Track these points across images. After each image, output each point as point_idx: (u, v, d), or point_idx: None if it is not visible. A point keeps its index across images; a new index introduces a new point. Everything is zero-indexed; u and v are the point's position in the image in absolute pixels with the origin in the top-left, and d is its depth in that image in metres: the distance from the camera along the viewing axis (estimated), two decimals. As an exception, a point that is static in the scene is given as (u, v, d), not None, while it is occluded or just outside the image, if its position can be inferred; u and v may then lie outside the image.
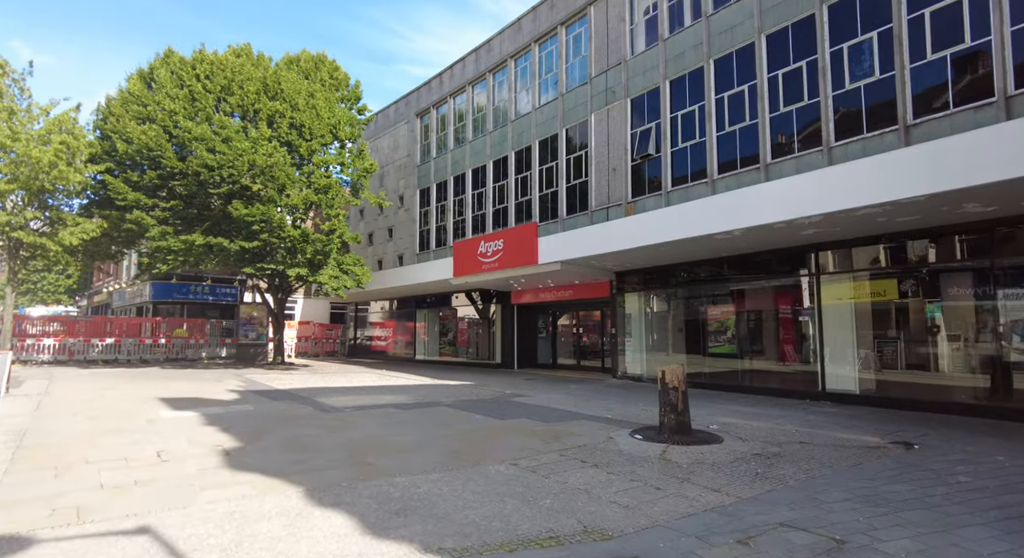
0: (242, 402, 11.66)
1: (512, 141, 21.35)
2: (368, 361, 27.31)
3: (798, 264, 12.58)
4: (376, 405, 11.35)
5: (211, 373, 18.82)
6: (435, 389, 14.48)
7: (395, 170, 27.98)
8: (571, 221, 18.42)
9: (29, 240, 17.75)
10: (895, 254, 11.15)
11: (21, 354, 21.76)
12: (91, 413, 9.97)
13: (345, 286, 19.75)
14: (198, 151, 16.98)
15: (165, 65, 19.21)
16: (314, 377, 17.77)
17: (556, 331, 21.19)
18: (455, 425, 9.12)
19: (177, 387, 14.31)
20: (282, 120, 19.17)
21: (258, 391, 13.68)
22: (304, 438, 7.98)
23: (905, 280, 11.04)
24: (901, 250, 11.02)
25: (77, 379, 16.23)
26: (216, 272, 29.67)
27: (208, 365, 22.97)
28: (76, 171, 17.72)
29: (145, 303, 29.64)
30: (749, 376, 13.49)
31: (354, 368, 22.31)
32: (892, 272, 11.24)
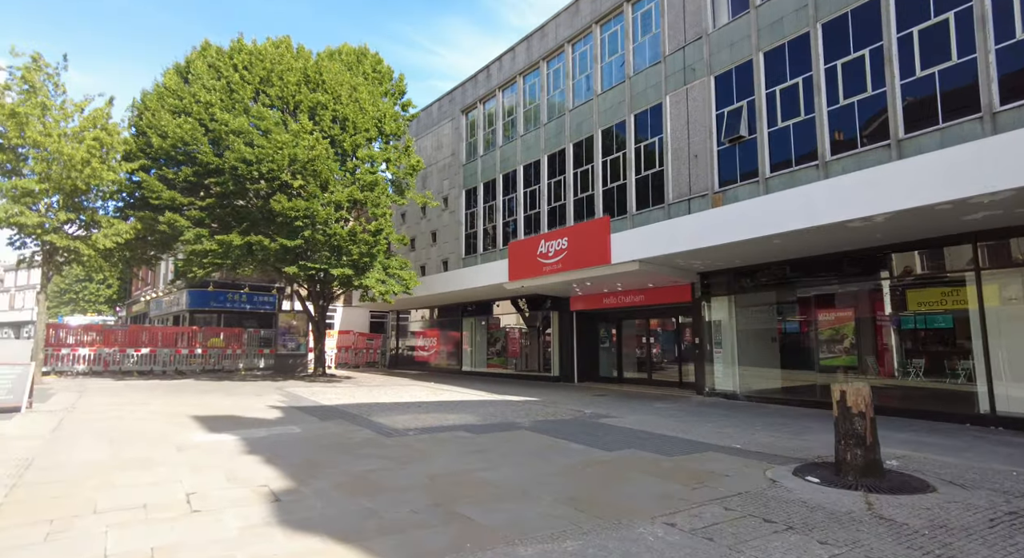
0: (287, 422, 10.02)
1: (570, 132, 19.58)
2: (412, 373, 25.69)
3: (951, 257, 10.41)
4: (442, 426, 9.58)
5: (249, 386, 17.39)
6: (500, 407, 12.66)
7: (438, 171, 26.50)
8: (643, 216, 16.48)
9: (62, 244, 16.65)
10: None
11: (56, 364, 20.80)
12: (114, 435, 8.44)
13: (392, 291, 18.16)
14: (235, 145, 15.66)
15: (202, 57, 18.09)
16: (360, 391, 16.15)
17: (621, 341, 19.19)
18: (552, 457, 7.26)
19: (213, 403, 12.81)
20: (324, 113, 17.79)
21: (303, 408, 12.07)
22: (371, 475, 6.24)
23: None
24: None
25: (108, 392, 14.93)
26: (254, 280, 28.59)
27: (246, 377, 21.64)
28: (110, 169, 16.61)
29: (182, 312, 28.69)
30: (880, 394, 11.29)
31: (400, 381, 20.68)
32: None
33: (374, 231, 17.60)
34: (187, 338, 23.77)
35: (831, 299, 12.52)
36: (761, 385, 13.83)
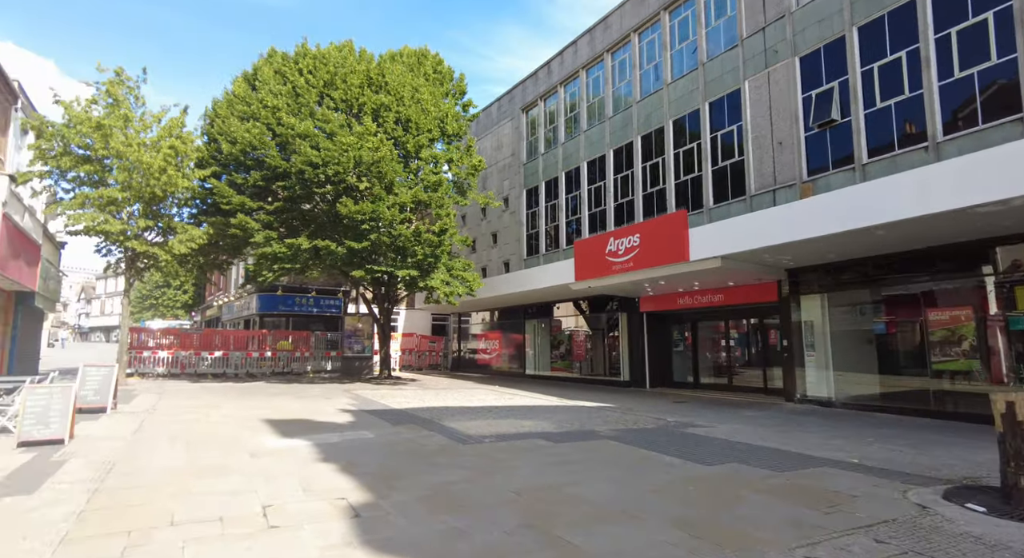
0: (358, 426, 9.74)
1: (638, 125, 18.73)
2: (475, 376, 25.38)
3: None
4: (518, 434, 9.03)
5: (318, 389, 17.45)
6: (574, 413, 12.01)
7: (498, 171, 26.13)
8: (721, 210, 15.47)
9: (142, 249, 17.23)
10: None
11: (139, 366, 21.66)
12: (190, 438, 8.35)
13: (457, 293, 17.84)
14: (302, 148, 15.74)
15: (268, 64, 18.39)
16: (428, 394, 15.86)
17: (697, 343, 18.12)
18: (645, 471, 6.57)
19: (284, 406, 12.78)
20: (387, 114, 17.70)
21: (373, 411, 11.83)
22: (452, 487, 5.75)
23: None
24: None
25: (185, 394, 15.26)
26: (320, 283, 29.09)
27: (313, 379, 21.88)
28: (184, 177, 17.07)
29: (252, 316, 29.52)
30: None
31: (465, 384, 20.34)
32: None
33: (438, 231, 17.33)
34: (257, 341, 24.33)
35: (943, 296, 11.19)
36: (859, 391, 12.59)
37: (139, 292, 54.96)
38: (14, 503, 5.04)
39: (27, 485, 5.62)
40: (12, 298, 15.07)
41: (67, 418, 7.80)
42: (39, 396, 7.75)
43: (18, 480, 5.84)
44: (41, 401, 7.74)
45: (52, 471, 6.21)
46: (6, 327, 14.95)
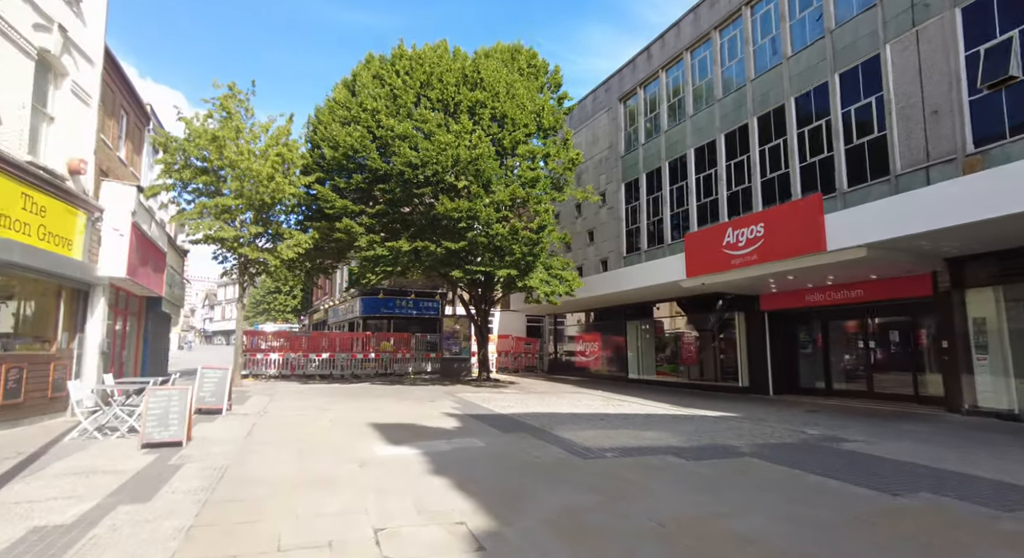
0: (466, 433, 9.17)
1: (753, 105, 17.06)
2: (573, 379, 24.46)
3: None
4: (642, 448, 8.05)
5: (421, 391, 17.30)
6: (696, 423, 10.82)
7: (594, 166, 25.08)
8: (859, 193, 13.59)
9: (253, 255, 17.93)
10: None
11: (253, 368, 22.72)
12: (299, 445, 8.12)
13: (556, 292, 17.05)
14: (401, 149, 15.63)
15: (367, 69, 18.55)
16: (531, 399, 15.18)
17: (828, 345, 16.15)
18: (815, 502, 5.41)
19: (389, 408, 12.55)
20: (483, 111, 17.27)
21: (478, 416, 11.27)
22: (583, 514, 4.93)
23: None
24: None
25: (294, 396, 15.56)
26: (419, 286, 29.43)
27: (415, 381, 21.93)
28: (290, 183, 17.56)
29: (356, 318, 30.40)
30: None
31: (566, 388, 19.50)
32: None
33: (536, 229, 16.64)
34: (361, 343, 24.86)
35: None
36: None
37: (253, 298, 58.96)
38: (131, 513, 4.82)
39: (144, 492, 5.45)
40: (143, 303, 16.09)
41: (185, 421, 7.80)
42: (159, 399, 7.80)
43: (137, 485, 5.70)
44: (161, 404, 7.79)
45: (168, 476, 6.06)
46: (139, 330, 15.98)
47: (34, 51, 9.64)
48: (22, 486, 5.70)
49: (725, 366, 18.71)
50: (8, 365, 8.96)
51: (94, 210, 11.27)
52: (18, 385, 9.17)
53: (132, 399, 9.31)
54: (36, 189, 9.42)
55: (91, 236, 11.22)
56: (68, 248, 10.38)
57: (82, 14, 11.23)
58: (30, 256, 9.04)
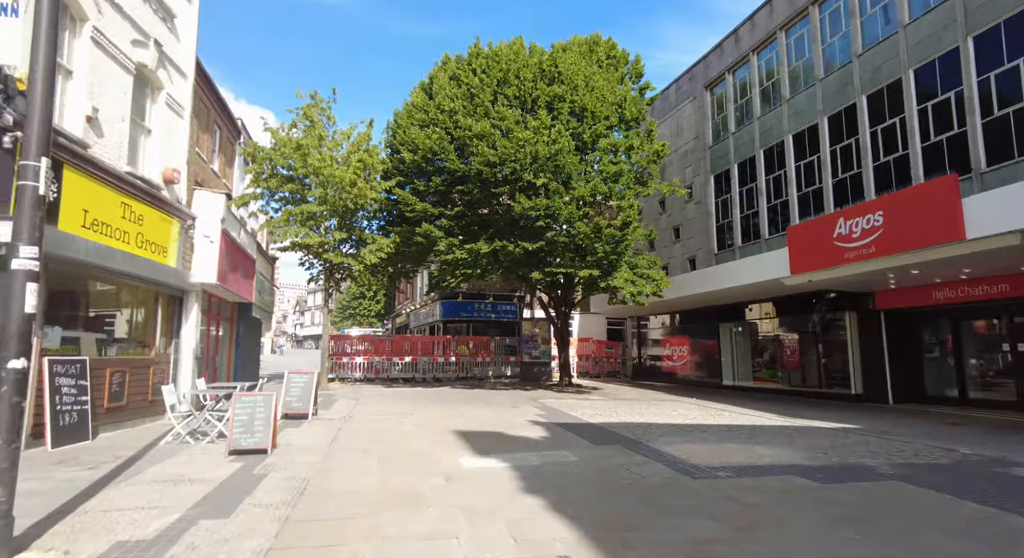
0: (556, 445, 8.51)
1: (861, 82, 15.36)
2: (661, 385, 23.20)
3: None
4: (759, 466, 7.07)
5: (503, 396, 16.83)
6: (812, 436, 9.60)
7: (678, 159, 23.76)
8: (1001, 172, 11.76)
9: (338, 261, 18.20)
10: None
11: (339, 372, 23.19)
12: (383, 453, 7.77)
13: (643, 293, 16.06)
14: (479, 148, 15.26)
15: (443, 70, 18.40)
16: (619, 406, 14.30)
17: (961, 348, 14.18)
18: (1019, 547, 4.31)
19: (473, 415, 12.11)
20: (562, 105, 16.61)
21: (566, 425, 10.58)
22: (710, 550, 4.12)
23: None
24: None
25: (378, 399, 15.51)
26: (497, 289, 29.16)
27: (495, 385, 21.54)
28: (371, 188, 17.67)
29: (436, 322, 30.56)
30: None
31: (654, 395, 18.40)
32: None
33: (620, 225, 15.75)
34: (441, 347, 24.83)
35: None
36: None
37: (339, 303, 61.21)
38: (210, 530, 4.52)
39: (226, 505, 5.18)
40: (235, 309, 16.66)
41: (270, 428, 7.63)
42: (245, 405, 7.69)
43: (220, 497, 5.47)
44: (247, 410, 7.67)
45: (251, 488, 5.80)
46: (232, 335, 16.54)
47: (132, 66, 9.97)
48: (115, 493, 5.62)
49: (831, 371, 16.99)
50: (112, 369, 9.25)
51: (187, 218, 11.60)
52: (121, 389, 9.45)
53: (222, 404, 9.37)
54: (134, 198, 9.71)
55: (184, 243, 11.54)
56: (163, 255, 10.69)
57: (175, 30, 11.61)
58: (129, 263, 9.30)
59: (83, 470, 6.55)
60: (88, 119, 8.74)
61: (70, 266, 8.27)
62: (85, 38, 8.87)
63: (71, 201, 8.08)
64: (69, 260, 8.01)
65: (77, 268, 8.45)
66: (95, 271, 8.81)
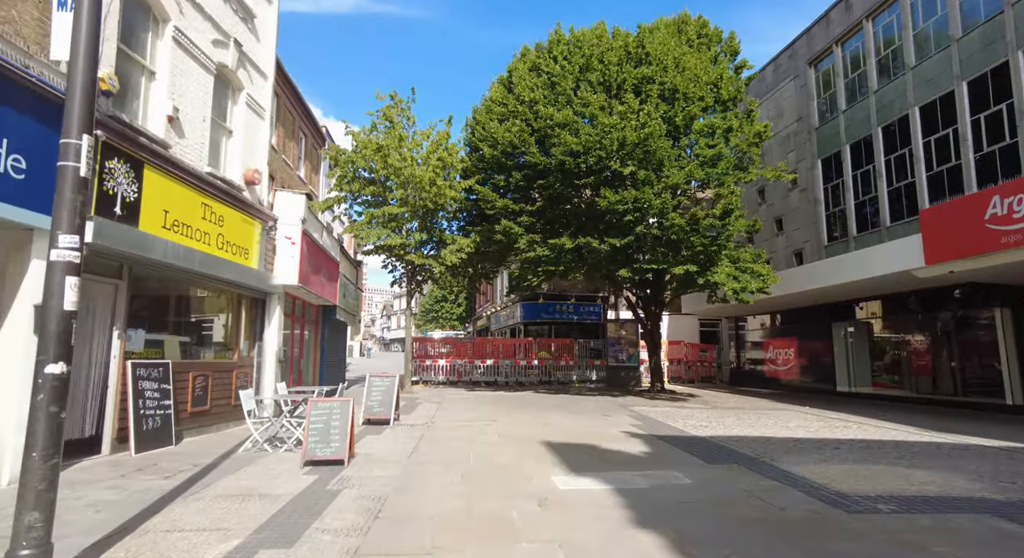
0: (662, 462, 7.40)
1: (1016, 36, 13.04)
2: (765, 392, 21.19)
3: None
4: (927, 497, 5.64)
5: (590, 402, 15.77)
6: (983, 458, 7.88)
7: (778, 144, 21.68)
8: None
9: (419, 262, 17.87)
10: None
11: (423, 374, 22.98)
12: (467, 467, 6.99)
13: (748, 289, 14.46)
14: (562, 138, 14.33)
15: (522, 62, 17.66)
16: (723, 416, 12.85)
17: None
18: None
19: (561, 423, 11.17)
20: (650, 88, 15.37)
21: (667, 438, 9.40)
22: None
23: None
24: None
25: (461, 404, 14.92)
26: (579, 290, 28.07)
27: (581, 390, 20.47)
28: (451, 187, 17.21)
29: (516, 324, 29.89)
30: None
31: (760, 402, 16.65)
32: None
33: (719, 214, 14.27)
34: (523, 350, 24.06)
35: None
36: None
37: (422, 306, 62.25)
38: (269, 561, 3.87)
39: (291, 530, 4.55)
40: (319, 312, 16.67)
41: (346, 437, 7.06)
42: (321, 412, 7.17)
43: (287, 518, 4.86)
44: (323, 417, 7.15)
45: (321, 508, 5.17)
46: (317, 339, 16.56)
47: (213, 66, 9.88)
48: (181, 509, 5.17)
49: (969, 376, 14.65)
50: (195, 373, 9.11)
51: (268, 219, 11.47)
52: (204, 393, 9.31)
53: (301, 409, 8.98)
54: (215, 199, 9.59)
55: (266, 245, 11.41)
56: (245, 257, 10.55)
57: (255, 30, 11.54)
58: (210, 265, 9.13)
59: (158, 479, 6.22)
60: (169, 119, 8.64)
61: (153, 268, 8.14)
62: (167, 39, 8.80)
63: (152, 202, 7.94)
64: (150, 262, 7.85)
65: (159, 270, 8.31)
66: (176, 273, 8.67)
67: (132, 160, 7.56)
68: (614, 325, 23.74)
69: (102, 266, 7.36)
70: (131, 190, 7.52)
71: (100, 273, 7.34)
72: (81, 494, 5.56)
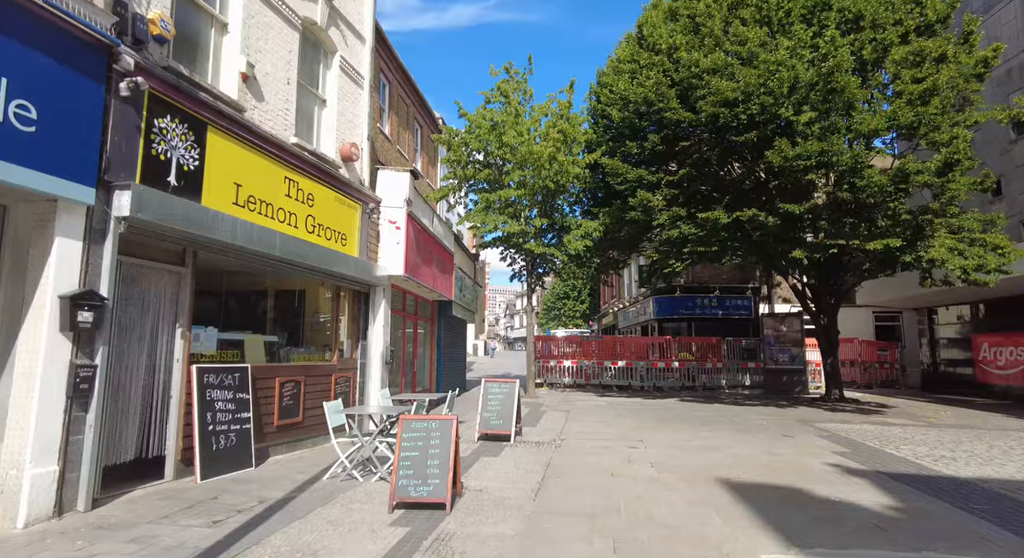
0: (933, 529, 4.58)
1: None
2: (981, 402, 16.45)
3: None
4: None
5: (754, 414, 12.74)
6: None
7: (992, 86, 16.77)
8: None
9: (539, 251, 15.88)
10: None
11: (547, 376, 20.99)
12: (617, 527, 4.70)
13: (986, 267, 10.58)
14: (712, 85, 11.49)
15: (655, 11, 14.97)
16: (959, 439, 9.30)
17: None
18: None
19: (733, 448, 8.47)
20: (825, 15, 12.03)
21: (907, 479, 6.41)
22: None
23: None
24: None
25: (594, 414, 12.63)
26: (723, 280, 24.51)
27: (735, 398, 17.27)
28: (573, 162, 15.04)
29: (648, 321, 26.88)
30: None
31: (985, 417, 12.49)
32: None
33: (937, 169, 10.63)
34: (658, 350, 21.15)
35: None
36: None
37: (544, 304, 60.63)
38: None
39: None
40: (435, 308, 15.22)
41: (448, 471, 5.10)
42: (415, 435, 5.28)
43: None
44: (418, 441, 5.26)
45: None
46: (433, 338, 15.14)
47: (298, 21, 8.51)
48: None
49: None
50: (282, 379, 7.72)
51: (369, 201, 9.98)
52: (295, 401, 7.91)
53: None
54: (303, 175, 8.18)
55: (368, 231, 9.94)
56: (343, 243, 9.10)
57: (348, -14, 10.13)
58: (296, 250, 7.67)
59: (203, 525, 4.65)
60: (244, 77, 7.28)
61: (221, 253, 6.76)
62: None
63: (219, 172, 6.57)
64: (216, 243, 6.46)
65: (230, 255, 6.91)
66: (253, 260, 7.25)
67: (192, 120, 6.19)
68: (772, 320, 20.09)
69: (159, 250, 6.06)
70: (190, 157, 6.16)
71: (157, 258, 6.05)
72: (95, 551, 4.06)
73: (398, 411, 6.59)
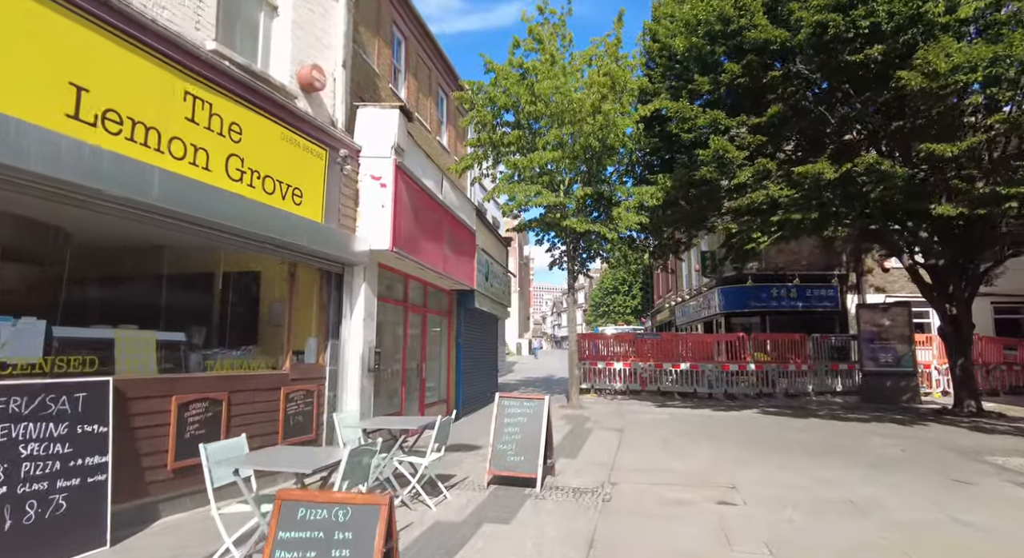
0: None
1: None
2: None
3: None
4: None
5: (874, 437, 9.38)
6: None
7: None
8: None
9: (581, 229, 12.92)
10: None
11: (594, 381, 17.95)
12: None
13: None
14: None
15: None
16: None
17: None
18: None
19: (880, 505, 5.31)
20: None
21: None
22: None
23: None
24: None
25: (655, 435, 9.59)
26: (802, 267, 20.80)
27: (831, 408, 13.79)
28: (623, 112, 12.04)
29: (713, 316, 23.36)
30: None
31: None
32: None
33: None
34: (726, 349, 17.71)
35: None
36: None
37: (591, 300, 57.26)
38: None
39: None
40: (452, 299, 12.46)
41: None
42: (298, 552, 2.46)
43: None
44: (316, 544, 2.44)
45: None
46: (450, 336, 12.38)
47: None
48: None
49: None
50: (187, 397, 5.08)
51: (340, 146, 7.28)
52: (209, 430, 5.27)
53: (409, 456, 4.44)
54: (222, 95, 5.54)
55: (339, 188, 7.24)
56: (295, 200, 6.42)
57: None
58: (193, 198, 5.00)
59: None
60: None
61: (54, 198, 4.13)
62: None
63: (33, 59, 3.97)
64: (23, 175, 3.84)
65: (77, 206, 4.28)
66: (120, 213, 4.60)
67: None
68: (871, 312, 16.41)
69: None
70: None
71: None
72: None
73: (333, 462, 3.78)
